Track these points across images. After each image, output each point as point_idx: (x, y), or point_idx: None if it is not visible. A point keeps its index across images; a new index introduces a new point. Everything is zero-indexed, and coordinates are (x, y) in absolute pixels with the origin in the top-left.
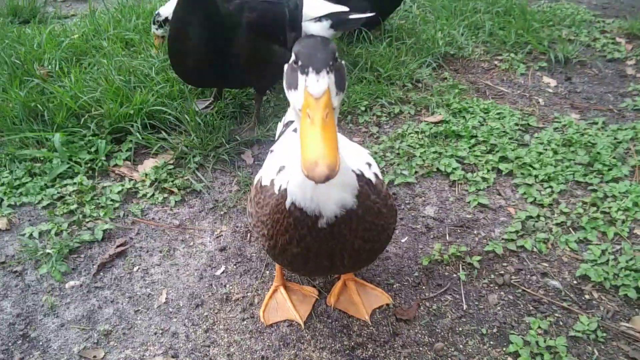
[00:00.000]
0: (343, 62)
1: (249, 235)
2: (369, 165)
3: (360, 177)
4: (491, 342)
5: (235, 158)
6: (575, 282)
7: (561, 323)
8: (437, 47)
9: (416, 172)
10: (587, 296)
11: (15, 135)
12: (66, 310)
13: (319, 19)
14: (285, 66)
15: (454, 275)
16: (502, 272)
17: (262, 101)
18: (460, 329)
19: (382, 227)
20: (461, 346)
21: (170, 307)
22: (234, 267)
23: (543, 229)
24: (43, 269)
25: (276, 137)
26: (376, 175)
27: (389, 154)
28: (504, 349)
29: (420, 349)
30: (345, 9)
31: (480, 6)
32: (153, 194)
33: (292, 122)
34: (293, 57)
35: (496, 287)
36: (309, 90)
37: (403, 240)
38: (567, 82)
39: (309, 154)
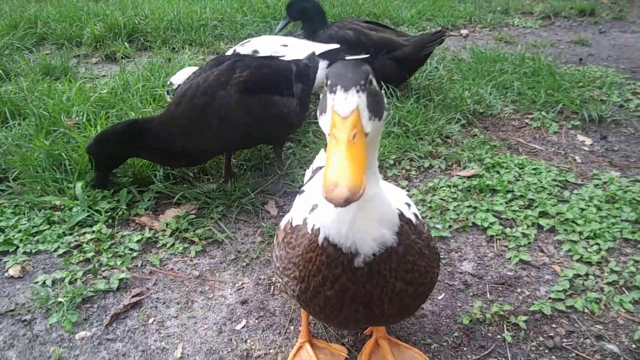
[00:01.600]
0: (382, 91)
1: (272, 288)
2: (408, 205)
3: (401, 215)
4: None
5: (259, 209)
6: (634, 345)
7: None
8: (465, 105)
9: (450, 226)
10: None
11: (37, 184)
12: None
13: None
14: (321, 94)
15: (498, 336)
16: (552, 334)
17: (283, 153)
18: None
19: (425, 269)
20: None
21: None
22: (256, 321)
23: (593, 288)
24: (53, 318)
25: (304, 184)
26: (416, 215)
27: (420, 207)
28: None
29: None
30: (337, 46)
31: (507, 68)
32: (173, 244)
33: (320, 168)
34: (325, 79)
35: (546, 351)
36: (335, 109)
37: (440, 297)
38: (603, 141)
39: (328, 174)
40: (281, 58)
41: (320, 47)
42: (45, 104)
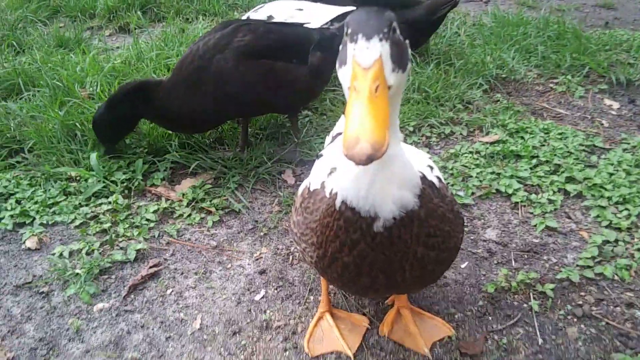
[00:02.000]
0: (407, 41)
1: (290, 257)
2: (431, 168)
3: (423, 178)
4: None
5: (276, 178)
6: None
7: None
8: (488, 70)
9: (473, 193)
10: None
11: (52, 155)
12: (92, 335)
13: (331, 23)
14: (341, 45)
15: (525, 305)
16: (581, 302)
17: (297, 121)
18: None
19: (449, 234)
20: None
21: (205, 334)
22: (275, 291)
23: (623, 254)
24: (71, 290)
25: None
26: (439, 178)
27: (441, 174)
28: None
29: None
30: (353, 7)
31: (531, 32)
32: (190, 214)
33: (340, 134)
34: (345, 28)
35: (575, 319)
36: (357, 59)
37: (463, 266)
38: (631, 105)
39: (350, 129)
40: (305, 25)
41: (337, 10)
42: (59, 74)
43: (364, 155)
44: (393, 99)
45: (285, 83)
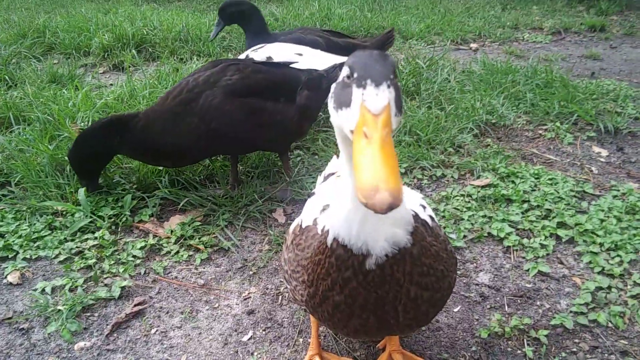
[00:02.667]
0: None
1: (280, 298)
2: (423, 207)
3: (415, 217)
4: None
5: (267, 216)
6: None
7: None
8: (478, 115)
9: (465, 236)
10: None
11: (39, 189)
12: None
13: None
14: (333, 85)
15: (519, 351)
16: (575, 349)
17: (289, 160)
18: None
19: (443, 274)
20: None
21: None
22: (263, 332)
23: (617, 301)
24: (52, 327)
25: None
26: (432, 217)
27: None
28: None
29: None
30: (345, 58)
31: (519, 79)
32: (178, 251)
33: (332, 174)
34: (345, 72)
35: None
36: (367, 105)
37: (455, 310)
38: (620, 152)
39: (367, 177)
40: (292, 65)
41: (333, 59)
42: (51, 109)
43: (385, 204)
44: None
45: (273, 122)
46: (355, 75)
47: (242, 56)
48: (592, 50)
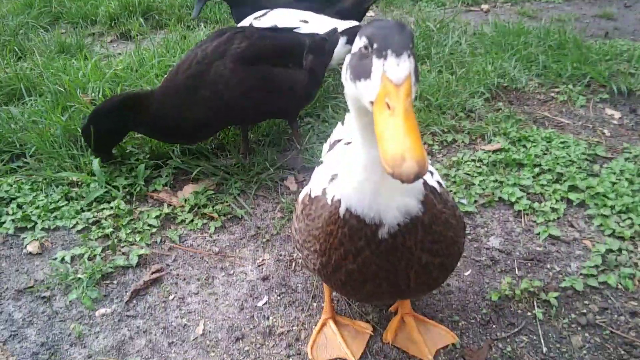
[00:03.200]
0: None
1: (293, 264)
2: (431, 173)
3: (424, 184)
4: None
5: (279, 184)
6: None
7: None
8: (489, 79)
9: (476, 201)
10: None
11: (54, 160)
12: (95, 340)
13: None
14: (348, 57)
15: (529, 313)
16: (585, 310)
17: (300, 128)
18: None
19: (452, 240)
20: None
21: (208, 340)
22: (278, 298)
23: (627, 263)
24: (73, 295)
25: (322, 158)
26: (439, 183)
27: (444, 182)
28: None
29: None
30: (356, 23)
31: (532, 40)
32: (192, 220)
33: (338, 141)
34: (363, 42)
35: (579, 328)
36: (389, 76)
37: (466, 274)
38: (633, 114)
39: (393, 147)
40: (295, 31)
41: (341, 24)
42: (61, 80)
43: (412, 173)
44: None
45: (284, 88)
46: (375, 45)
47: (247, 23)
48: (605, 10)
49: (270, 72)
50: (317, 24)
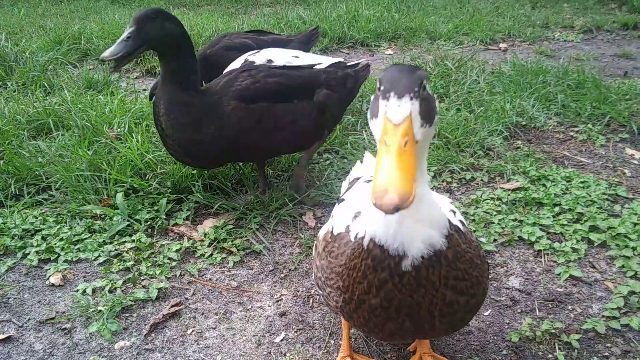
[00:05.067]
0: (435, 95)
1: (311, 300)
2: (454, 212)
3: (449, 221)
4: None
5: (297, 220)
6: None
7: None
8: (508, 117)
9: (495, 239)
10: None
11: (79, 193)
12: None
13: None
14: (372, 96)
15: (550, 355)
16: (607, 353)
17: (306, 164)
18: None
19: (477, 279)
20: None
21: None
22: (295, 334)
23: None
24: (93, 327)
25: (341, 196)
26: (463, 223)
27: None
28: None
29: None
30: (340, 59)
31: (550, 79)
32: (211, 254)
33: (357, 179)
34: (377, 84)
35: None
36: (388, 116)
37: (486, 314)
38: None
39: (378, 181)
40: (315, 67)
41: (326, 60)
42: (88, 115)
43: (391, 205)
44: (421, 147)
45: (286, 122)
46: (382, 88)
47: (240, 61)
48: (624, 49)
49: (267, 109)
50: (307, 60)
